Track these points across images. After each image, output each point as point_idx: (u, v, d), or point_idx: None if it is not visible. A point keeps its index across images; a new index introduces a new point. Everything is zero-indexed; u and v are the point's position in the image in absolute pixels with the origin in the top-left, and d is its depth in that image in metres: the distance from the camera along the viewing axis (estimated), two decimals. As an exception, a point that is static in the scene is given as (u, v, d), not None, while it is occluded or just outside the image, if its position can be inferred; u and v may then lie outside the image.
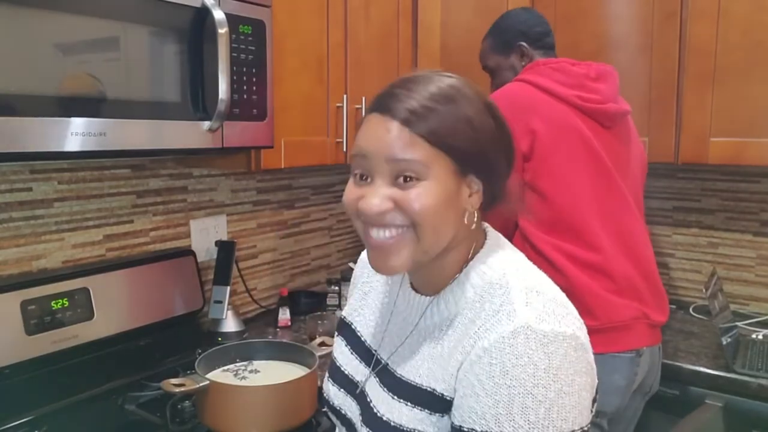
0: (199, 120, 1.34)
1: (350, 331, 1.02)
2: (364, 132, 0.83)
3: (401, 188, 0.79)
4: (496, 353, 0.75)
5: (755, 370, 1.63)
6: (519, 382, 0.73)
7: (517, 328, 0.75)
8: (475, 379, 0.76)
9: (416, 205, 0.78)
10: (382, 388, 0.88)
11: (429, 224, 0.79)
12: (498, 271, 0.83)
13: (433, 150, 0.78)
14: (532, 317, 0.77)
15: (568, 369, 0.75)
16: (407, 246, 0.81)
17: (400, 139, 0.78)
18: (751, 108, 1.77)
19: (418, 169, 0.78)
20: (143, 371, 1.52)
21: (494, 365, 0.75)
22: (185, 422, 1.36)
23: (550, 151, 1.51)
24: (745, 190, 2.12)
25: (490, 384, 0.74)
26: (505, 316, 0.78)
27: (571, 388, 0.74)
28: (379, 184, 0.80)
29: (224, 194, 1.94)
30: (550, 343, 0.75)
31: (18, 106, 1.05)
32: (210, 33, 1.31)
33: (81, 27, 1.14)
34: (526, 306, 0.78)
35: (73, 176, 1.54)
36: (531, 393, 0.72)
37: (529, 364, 0.73)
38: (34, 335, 1.36)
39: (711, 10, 1.80)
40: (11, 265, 1.44)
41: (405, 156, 0.78)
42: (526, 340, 0.74)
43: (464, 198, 0.82)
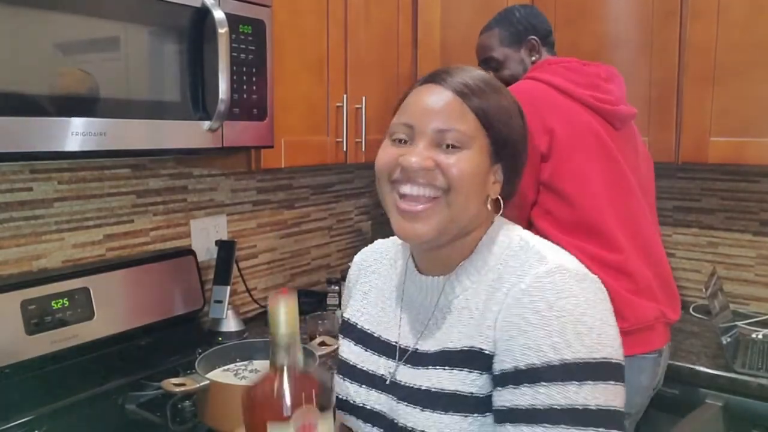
0: (199, 120, 1.34)
1: (358, 331, 1.02)
2: (415, 98, 0.87)
3: (444, 152, 0.84)
4: (536, 291, 0.79)
5: (755, 369, 1.63)
6: (566, 311, 0.77)
7: (551, 268, 0.81)
8: (520, 318, 0.79)
9: (455, 170, 0.83)
10: (417, 369, 0.89)
11: (463, 191, 0.83)
12: (515, 239, 0.88)
13: (479, 126, 0.84)
14: (562, 259, 0.83)
15: (601, 304, 0.80)
16: (437, 214, 0.84)
17: (453, 108, 0.84)
18: (751, 107, 1.77)
19: (463, 140, 0.83)
20: (143, 371, 1.52)
21: (537, 301, 0.78)
22: (185, 422, 1.36)
23: (569, 151, 1.49)
24: (745, 190, 2.12)
25: (536, 318, 0.77)
26: (535, 261, 0.83)
27: (610, 320, 0.80)
28: (421, 146, 0.84)
29: (224, 194, 1.94)
30: (582, 280, 0.80)
31: (18, 106, 1.05)
32: (210, 33, 1.31)
33: (81, 27, 1.14)
34: (552, 252, 0.85)
35: (74, 176, 1.54)
36: (580, 320, 0.76)
37: (570, 296, 0.78)
38: (35, 335, 1.36)
39: (711, 10, 1.80)
40: (11, 265, 1.44)
41: (455, 126, 0.83)
42: (562, 277, 0.79)
43: (489, 182, 0.87)
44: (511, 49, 1.73)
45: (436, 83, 0.87)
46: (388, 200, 0.88)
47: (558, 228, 1.49)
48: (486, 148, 0.86)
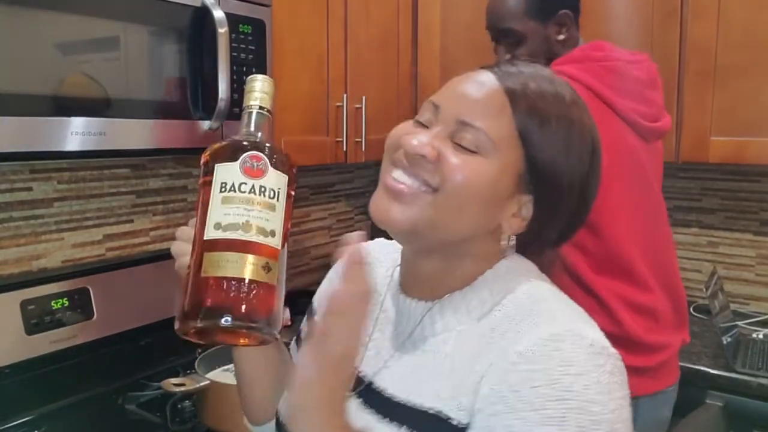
0: (199, 119, 1.34)
1: None
2: (457, 80, 0.73)
3: (457, 150, 0.68)
4: (539, 358, 0.61)
5: (756, 369, 1.62)
6: (572, 394, 0.59)
7: (561, 331, 0.63)
8: (510, 391, 0.61)
9: (459, 175, 0.67)
10: (368, 411, 0.73)
11: (456, 199, 0.68)
12: (525, 285, 0.71)
13: (514, 136, 0.68)
14: (576, 324, 0.65)
15: (618, 390, 0.62)
16: (420, 205, 0.68)
17: (490, 102, 0.69)
18: (751, 107, 1.77)
19: (483, 144, 0.68)
20: (143, 371, 1.52)
21: (537, 372, 0.61)
22: (185, 422, 1.36)
23: (608, 180, 1.30)
24: (746, 190, 2.12)
25: (533, 396, 0.60)
26: (542, 319, 0.65)
27: (624, 414, 0.62)
28: (435, 133, 0.70)
29: (224, 194, 1.94)
30: (598, 354, 0.63)
31: (18, 106, 1.05)
32: (210, 32, 1.31)
33: (81, 27, 1.14)
34: (563, 312, 0.67)
35: (73, 176, 1.54)
36: (586, 409, 0.59)
37: (581, 374, 0.60)
38: (34, 335, 1.36)
39: (711, 10, 1.80)
40: (11, 265, 1.44)
41: (481, 122, 0.68)
42: (573, 347, 0.62)
43: (507, 211, 0.70)
44: (535, 22, 1.44)
45: (492, 71, 0.71)
46: (381, 176, 0.73)
47: (588, 263, 1.33)
48: (515, 168, 0.68)
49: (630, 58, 1.39)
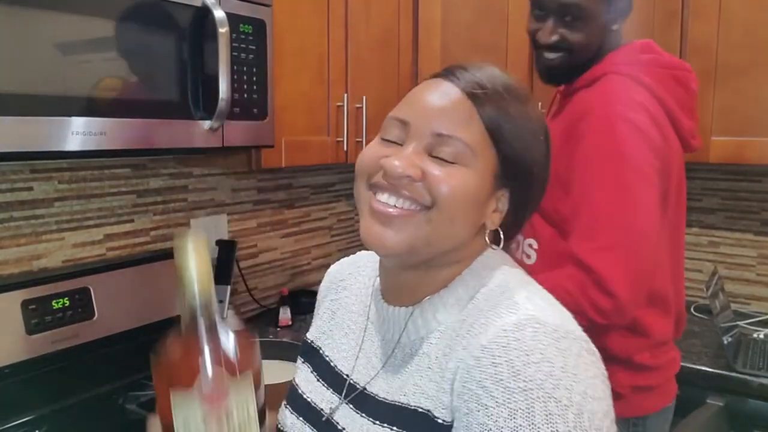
0: (200, 119, 1.34)
1: (318, 357, 0.88)
2: (418, 92, 0.74)
3: (436, 163, 0.69)
4: (499, 350, 0.62)
5: (756, 369, 1.62)
6: (535, 383, 0.59)
7: (521, 319, 0.64)
8: (478, 387, 0.62)
9: (445, 187, 0.68)
10: (360, 414, 0.75)
11: (448, 212, 0.69)
12: (498, 277, 0.73)
13: (487, 139, 0.70)
14: (538, 310, 0.66)
15: (586, 371, 0.62)
16: (413, 226, 0.69)
17: (458, 110, 0.70)
18: (752, 107, 1.77)
19: (464, 154, 0.69)
20: (144, 371, 1.51)
21: (500, 365, 0.61)
22: (186, 422, 1.36)
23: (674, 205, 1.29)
24: (746, 189, 2.12)
25: (499, 391, 0.61)
26: (504, 309, 0.66)
27: (596, 393, 0.62)
28: (412, 149, 0.70)
29: (225, 193, 1.94)
30: (562, 338, 0.63)
31: (18, 106, 1.05)
32: (210, 32, 1.31)
33: (81, 26, 1.14)
34: (528, 300, 0.68)
35: (74, 176, 1.54)
36: (552, 396, 0.59)
37: (543, 360, 0.60)
38: (35, 335, 1.36)
39: (712, 10, 1.80)
40: (12, 265, 1.44)
41: (458, 133, 0.69)
42: (535, 333, 0.62)
43: (488, 209, 0.73)
44: (604, 6, 1.27)
45: (447, 79, 0.72)
46: (362, 199, 0.73)
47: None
48: (491, 168, 0.70)
49: (685, 65, 1.34)
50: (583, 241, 1.16)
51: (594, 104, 1.23)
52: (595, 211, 1.16)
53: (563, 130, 1.26)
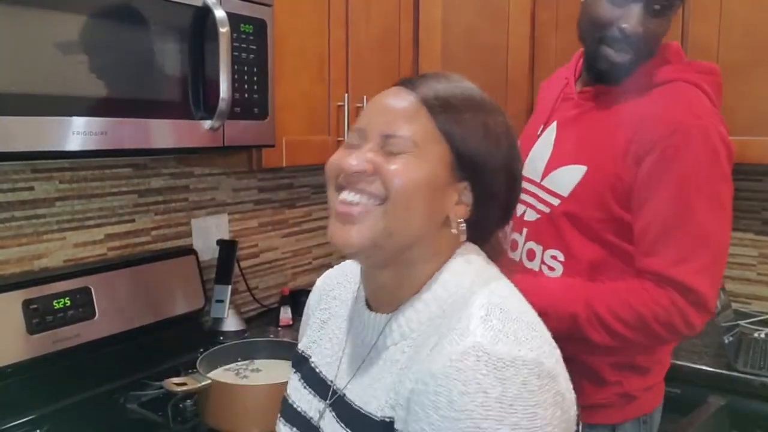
0: (201, 119, 1.34)
1: (306, 365, 0.90)
2: (374, 100, 0.80)
3: (387, 157, 0.74)
4: (443, 379, 0.64)
5: (757, 368, 1.62)
6: (466, 414, 0.62)
7: (466, 348, 0.65)
8: (422, 410, 0.66)
9: (396, 179, 0.72)
10: (339, 423, 0.78)
11: (402, 200, 0.72)
12: (465, 284, 0.75)
13: (435, 132, 0.74)
14: (487, 337, 0.66)
15: (527, 400, 0.63)
16: (372, 219, 0.73)
17: (406, 110, 0.75)
18: (752, 107, 1.77)
19: (409, 145, 0.73)
20: (145, 370, 1.53)
21: (440, 394, 0.64)
22: (187, 421, 1.36)
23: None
24: (747, 189, 2.12)
25: (435, 417, 0.64)
26: (457, 335, 0.68)
27: (532, 423, 0.63)
28: (366, 149, 0.75)
29: (225, 193, 1.94)
30: (505, 367, 0.64)
31: (19, 106, 1.05)
32: (211, 32, 1.31)
33: (81, 26, 1.14)
34: (483, 323, 0.68)
35: (75, 175, 1.54)
36: (479, 427, 0.62)
37: (478, 391, 0.63)
38: (36, 334, 1.36)
39: (712, 10, 1.80)
40: (13, 265, 1.44)
41: (401, 131, 0.74)
42: (476, 363, 0.64)
43: (449, 201, 0.75)
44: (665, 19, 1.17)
45: (404, 86, 0.78)
46: (330, 203, 0.78)
47: None
48: (444, 160, 0.74)
49: (718, 70, 1.27)
50: (682, 264, 1.11)
51: (677, 113, 1.13)
52: (694, 231, 1.11)
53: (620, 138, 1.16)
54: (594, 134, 1.22)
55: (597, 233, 1.20)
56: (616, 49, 1.17)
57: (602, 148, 1.19)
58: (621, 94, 1.21)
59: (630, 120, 1.17)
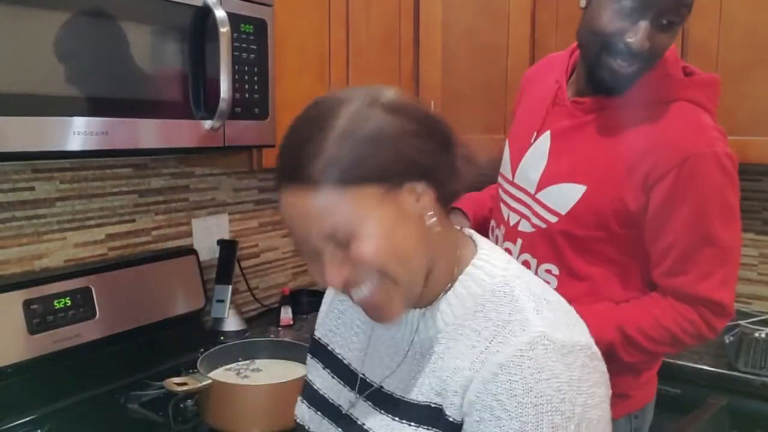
0: (201, 119, 1.34)
1: (328, 353, 0.94)
2: (286, 216, 0.74)
3: (345, 248, 0.70)
4: (515, 368, 0.69)
5: (758, 368, 1.62)
6: (545, 398, 0.67)
7: (534, 338, 0.70)
8: (494, 400, 0.69)
9: (368, 258, 0.70)
10: (379, 411, 0.82)
11: (392, 264, 0.71)
12: (498, 278, 0.78)
13: (349, 192, 0.68)
14: (546, 326, 0.72)
15: (587, 380, 0.70)
16: (390, 292, 0.73)
17: (318, 209, 0.69)
18: (753, 107, 1.77)
19: (347, 228, 0.69)
20: (146, 370, 1.53)
21: (515, 382, 0.68)
22: (188, 421, 1.37)
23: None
24: (747, 189, 2.10)
25: (512, 404, 0.68)
26: (518, 327, 0.72)
27: (594, 401, 0.70)
28: (327, 257, 0.72)
29: (226, 193, 1.94)
30: (568, 353, 0.70)
31: (19, 106, 1.05)
32: (212, 32, 1.31)
33: (82, 26, 1.14)
34: (538, 314, 0.73)
35: (75, 175, 1.54)
36: (558, 409, 0.67)
37: (552, 377, 0.68)
38: (37, 334, 1.36)
39: (713, 10, 1.80)
40: (13, 265, 1.44)
41: (334, 228, 0.69)
42: (545, 351, 0.69)
43: (411, 207, 0.72)
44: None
45: (292, 183, 0.72)
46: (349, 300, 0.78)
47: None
48: (373, 196, 0.69)
49: (718, 80, 1.26)
50: (705, 280, 1.15)
51: (688, 141, 1.13)
52: (714, 248, 1.14)
53: (625, 162, 1.15)
54: (594, 152, 1.19)
55: (596, 251, 1.21)
56: (620, 61, 1.12)
57: (603, 167, 1.17)
58: (622, 109, 1.18)
59: (636, 144, 1.15)
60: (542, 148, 1.26)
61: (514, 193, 1.31)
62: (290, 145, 0.74)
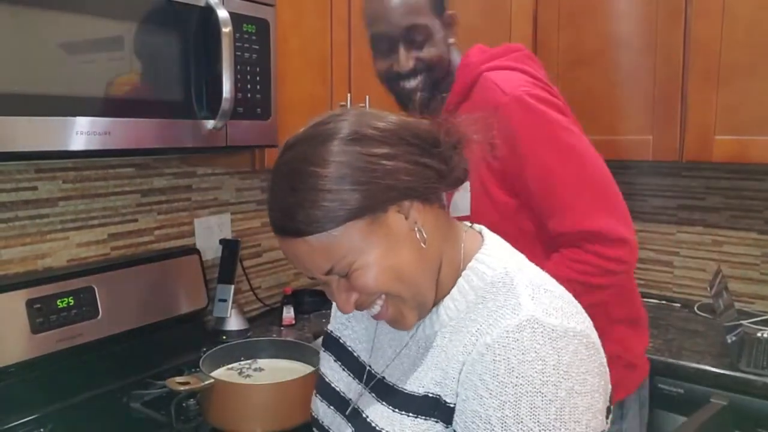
0: (204, 119, 1.34)
1: (339, 346, 0.96)
2: (286, 256, 0.78)
3: (349, 279, 0.74)
4: (500, 349, 0.70)
5: (760, 368, 1.62)
6: (526, 379, 0.67)
7: (522, 321, 0.71)
8: (478, 379, 0.71)
9: (370, 287, 0.74)
10: (381, 402, 0.83)
11: (395, 285, 0.74)
12: (499, 270, 0.79)
13: (337, 233, 0.71)
14: (539, 310, 0.72)
15: (579, 367, 0.70)
16: (400, 307, 0.77)
17: (310, 253, 0.72)
18: (755, 106, 1.77)
19: (344, 263, 0.73)
20: (148, 369, 1.53)
21: (498, 362, 0.69)
22: (190, 420, 1.37)
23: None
24: (750, 188, 2.12)
25: (494, 384, 0.69)
26: (509, 311, 0.73)
27: (583, 388, 0.69)
28: (333, 286, 0.76)
29: (228, 193, 1.94)
30: (559, 338, 0.70)
31: (22, 106, 1.06)
32: (214, 32, 1.31)
33: (85, 26, 1.14)
34: (532, 300, 0.73)
35: (78, 175, 1.55)
36: (540, 391, 0.67)
37: (536, 359, 0.68)
38: (40, 334, 1.37)
39: (715, 8, 1.79)
40: (17, 264, 1.44)
41: (332, 265, 0.73)
42: (533, 334, 0.69)
43: (401, 225, 0.74)
44: (437, 19, 1.32)
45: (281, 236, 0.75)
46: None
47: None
48: (362, 230, 0.72)
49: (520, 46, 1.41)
50: (567, 218, 1.19)
51: (493, 99, 1.22)
52: (559, 184, 1.19)
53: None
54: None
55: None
56: (402, 83, 1.31)
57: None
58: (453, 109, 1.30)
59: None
60: None
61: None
62: (272, 204, 0.76)
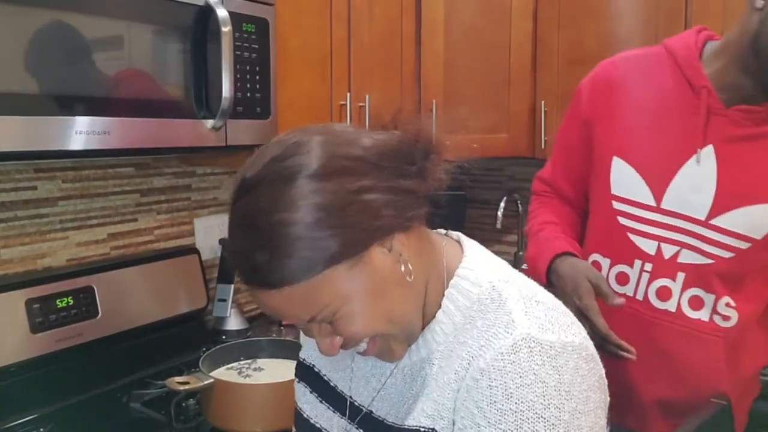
0: (203, 118, 1.34)
1: (314, 375, 0.88)
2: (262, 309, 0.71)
3: (333, 325, 0.69)
4: (496, 373, 0.64)
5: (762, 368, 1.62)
6: (526, 405, 0.62)
7: (517, 340, 0.65)
8: (475, 406, 0.65)
9: (357, 334, 0.68)
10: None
11: (382, 327, 0.69)
12: (485, 285, 0.72)
13: (315, 281, 0.64)
14: (534, 327, 0.66)
15: (581, 384, 0.65)
16: (390, 342, 0.72)
17: (291, 303, 0.66)
18: (756, 105, 1.76)
19: (327, 311, 0.66)
20: (148, 369, 1.53)
21: (495, 388, 0.64)
22: (190, 420, 1.37)
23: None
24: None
25: (492, 411, 0.63)
26: (501, 329, 0.67)
27: (586, 407, 0.64)
28: (315, 332, 0.70)
29: (228, 192, 1.92)
30: (558, 355, 0.64)
31: (22, 105, 1.05)
32: (213, 31, 1.31)
33: (85, 26, 1.14)
34: (525, 315, 0.68)
35: (78, 175, 1.54)
36: (542, 416, 0.62)
37: (536, 382, 0.63)
38: (39, 333, 1.37)
39: (715, 8, 1.79)
40: (16, 264, 1.44)
41: (309, 315, 0.67)
42: (530, 354, 0.64)
43: (384, 260, 0.67)
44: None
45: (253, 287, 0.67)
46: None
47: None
48: (341, 275, 0.65)
49: None
50: None
51: None
52: None
53: None
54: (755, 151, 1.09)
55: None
56: None
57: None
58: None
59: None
60: (707, 168, 1.10)
61: (665, 221, 1.13)
62: (235, 256, 0.69)
